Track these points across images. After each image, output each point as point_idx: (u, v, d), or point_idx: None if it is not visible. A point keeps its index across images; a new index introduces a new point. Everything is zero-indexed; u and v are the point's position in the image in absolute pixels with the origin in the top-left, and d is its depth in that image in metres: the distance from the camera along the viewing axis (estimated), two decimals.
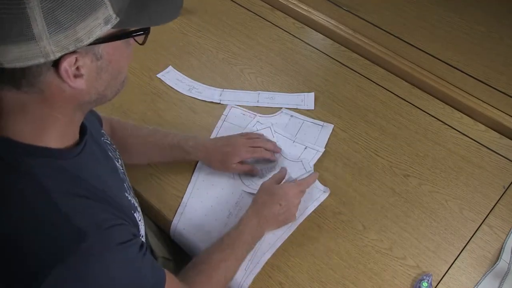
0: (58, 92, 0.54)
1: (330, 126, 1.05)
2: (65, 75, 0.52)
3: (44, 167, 0.56)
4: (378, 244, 0.88)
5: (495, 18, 1.30)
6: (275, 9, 1.34)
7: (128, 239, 0.59)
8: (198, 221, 0.90)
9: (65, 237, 0.54)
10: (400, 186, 0.96)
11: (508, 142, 1.04)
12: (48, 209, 0.54)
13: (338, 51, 1.23)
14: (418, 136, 1.05)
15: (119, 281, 0.58)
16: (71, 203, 0.56)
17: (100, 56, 0.54)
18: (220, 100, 1.11)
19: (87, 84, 0.55)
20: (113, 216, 0.59)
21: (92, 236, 0.54)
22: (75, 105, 0.57)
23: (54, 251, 0.53)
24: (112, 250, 0.57)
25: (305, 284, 0.83)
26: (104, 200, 0.60)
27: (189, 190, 0.94)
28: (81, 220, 0.55)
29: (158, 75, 1.15)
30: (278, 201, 0.84)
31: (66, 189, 0.56)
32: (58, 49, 0.49)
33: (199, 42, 1.24)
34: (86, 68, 0.54)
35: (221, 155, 0.93)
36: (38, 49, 0.48)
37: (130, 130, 0.93)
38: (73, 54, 0.51)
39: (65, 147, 0.60)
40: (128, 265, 0.59)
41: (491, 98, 1.10)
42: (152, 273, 0.64)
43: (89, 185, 0.59)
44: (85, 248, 0.53)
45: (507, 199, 0.95)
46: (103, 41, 0.53)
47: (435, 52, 1.21)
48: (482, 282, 0.84)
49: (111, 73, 0.57)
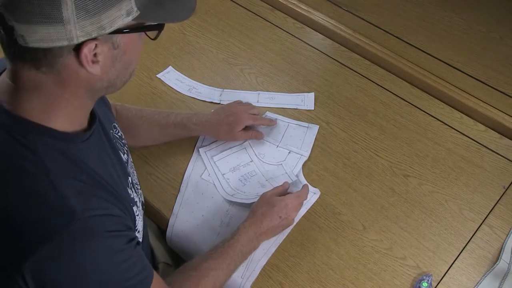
0: (73, 75, 0.56)
1: (315, 127, 1.05)
2: (84, 59, 0.54)
3: (48, 147, 0.58)
4: (378, 244, 0.88)
5: (495, 18, 1.30)
6: (275, 9, 1.34)
7: (118, 229, 0.60)
8: (191, 231, 0.89)
9: (57, 217, 0.55)
10: (400, 186, 0.96)
11: (508, 142, 1.04)
12: (45, 188, 0.55)
13: (338, 51, 1.23)
14: (418, 136, 1.05)
15: (102, 268, 0.58)
16: (68, 185, 0.57)
17: (117, 45, 0.57)
18: (220, 100, 1.11)
19: (101, 71, 0.57)
20: (108, 204, 0.60)
21: (83, 220, 0.55)
22: (86, 90, 0.60)
23: (44, 229, 0.54)
24: (100, 236, 0.57)
25: (305, 284, 0.83)
26: (103, 188, 0.61)
27: (179, 201, 0.93)
28: (75, 203, 0.56)
29: (158, 75, 1.15)
30: (278, 213, 0.84)
31: (66, 171, 0.58)
32: (82, 34, 0.52)
33: (199, 42, 1.24)
34: (103, 55, 0.56)
35: (227, 126, 0.97)
36: (64, 32, 0.51)
37: (135, 111, 0.95)
38: (94, 41, 0.54)
39: (72, 131, 0.61)
40: (113, 254, 0.59)
41: (491, 98, 1.10)
42: (140, 269, 0.63)
43: (91, 170, 0.61)
44: (74, 230, 0.55)
45: (507, 199, 0.95)
46: (122, 32, 0.56)
47: (435, 52, 1.21)
48: (482, 282, 0.84)
49: (124, 63, 0.60)
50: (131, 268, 0.62)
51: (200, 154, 0.99)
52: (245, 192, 0.94)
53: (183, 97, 1.11)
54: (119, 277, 0.60)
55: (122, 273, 0.60)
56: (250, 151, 1.00)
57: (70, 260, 0.55)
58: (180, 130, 0.96)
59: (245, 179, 0.96)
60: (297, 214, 0.88)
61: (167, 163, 0.98)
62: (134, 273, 0.62)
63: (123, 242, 0.61)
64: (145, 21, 0.58)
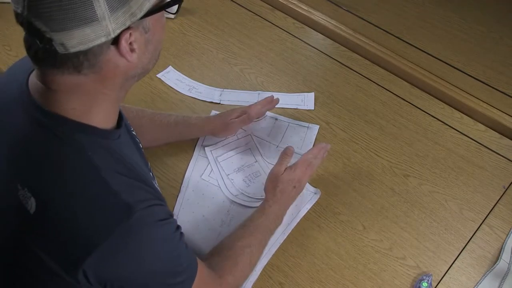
0: (114, 69, 0.57)
1: (315, 127, 1.05)
2: (124, 50, 0.55)
3: (93, 145, 0.59)
4: (378, 244, 0.88)
5: (495, 18, 1.30)
6: (275, 9, 1.34)
7: (167, 218, 0.62)
8: (191, 231, 0.89)
9: (116, 211, 0.56)
10: (400, 186, 0.96)
11: (508, 142, 1.04)
12: (99, 185, 0.56)
13: (338, 51, 1.23)
14: (418, 136, 1.05)
15: (160, 255, 0.61)
16: (118, 180, 0.58)
17: (148, 28, 0.58)
18: (220, 100, 1.11)
19: (138, 57, 0.58)
20: (152, 196, 0.61)
21: (139, 211, 0.56)
22: (122, 80, 0.60)
23: (105, 224, 0.55)
24: (155, 225, 0.59)
25: (305, 284, 0.83)
26: (143, 181, 0.62)
27: (179, 201, 0.93)
28: (128, 197, 0.57)
29: (158, 75, 1.15)
30: (291, 185, 0.86)
31: (113, 167, 0.59)
32: (117, 26, 0.52)
33: (199, 42, 1.24)
34: (137, 42, 0.57)
35: (222, 120, 0.98)
36: (100, 29, 0.51)
37: (136, 112, 0.95)
38: (128, 30, 0.54)
39: (109, 128, 0.62)
40: (168, 241, 0.62)
41: (491, 98, 1.10)
42: (187, 254, 0.65)
43: (131, 166, 0.62)
44: (133, 222, 0.56)
45: (507, 199, 0.95)
46: (150, 14, 0.56)
47: (435, 52, 1.21)
48: (482, 282, 0.84)
49: (155, 44, 0.61)
50: (182, 253, 0.64)
51: (206, 152, 0.99)
52: (249, 193, 0.94)
53: (183, 97, 1.11)
54: (175, 262, 0.63)
55: (176, 259, 0.63)
56: (255, 152, 1.00)
57: (131, 252, 0.57)
58: (181, 128, 0.97)
59: (249, 179, 0.96)
60: (310, 174, 0.89)
61: (167, 163, 0.98)
62: (184, 257, 0.64)
63: (173, 229, 0.63)
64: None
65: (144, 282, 0.60)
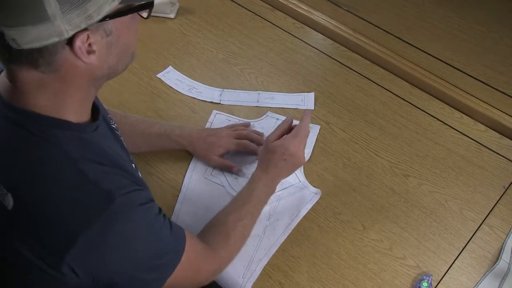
0: (72, 69, 0.57)
1: (316, 127, 1.05)
2: (79, 52, 0.55)
3: (68, 138, 0.59)
4: (378, 244, 0.88)
5: (495, 18, 1.30)
6: (275, 9, 1.34)
7: (147, 201, 0.63)
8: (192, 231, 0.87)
9: (96, 200, 0.57)
10: (400, 186, 0.96)
11: (508, 142, 1.04)
12: (77, 176, 0.57)
13: (338, 51, 1.23)
14: (418, 136, 1.05)
15: (144, 240, 0.61)
16: (96, 170, 0.59)
17: (109, 32, 0.57)
18: (220, 100, 1.11)
19: (99, 59, 0.58)
20: (132, 182, 0.62)
21: (118, 198, 0.57)
22: (89, 80, 0.60)
23: (86, 214, 0.56)
24: (137, 210, 0.60)
25: (305, 284, 0.83)
26: (122, 169, 0.63)
27: (180, 200, 0.93)
28: (107, 184, 0.58)
29: (158, 75, 1.15)
30: (281, 157, 0.85)
31: (90, 157, 0.60)
32: (71, 27, 0.52)
33: (199, 42, 1.24)
34: (97, 44, 0.57)
35: (205, 144, 0.95)
36: (53, 29, 0.51)
37: (119, 117, 0.94)
38: (85, 32, 0.54)
39: (83, 122, 0.63)
40: (151, 225, 0.63)
41: (491, 98, 1.10)
42: (173, 235, 0.66)
43: (109, 155, 0.63)
44: (113, 209, 0.57)
45: (507, 199, 0.95)
46: (111, 17, 0.56)
47: (435, 52, 1.21)
48: (482, 282, 0.84)
49: (121, 47, 0.61)
50: (166, 235, 0.65)
51: None
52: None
53: (183, 97, 1.11)
54: (160, 244, 0.64)
55: (160, 241, 0.64)
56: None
57: (115, 238, 0.58)
58: (162, 141, 0.96)
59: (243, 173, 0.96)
60: (303, 146, 0.87)
61: (167, 163, 0.98)
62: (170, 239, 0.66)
63: (154, 213, 0.64)
64: (133, 2, 0.58)
65: (131, 267, 0.60)
